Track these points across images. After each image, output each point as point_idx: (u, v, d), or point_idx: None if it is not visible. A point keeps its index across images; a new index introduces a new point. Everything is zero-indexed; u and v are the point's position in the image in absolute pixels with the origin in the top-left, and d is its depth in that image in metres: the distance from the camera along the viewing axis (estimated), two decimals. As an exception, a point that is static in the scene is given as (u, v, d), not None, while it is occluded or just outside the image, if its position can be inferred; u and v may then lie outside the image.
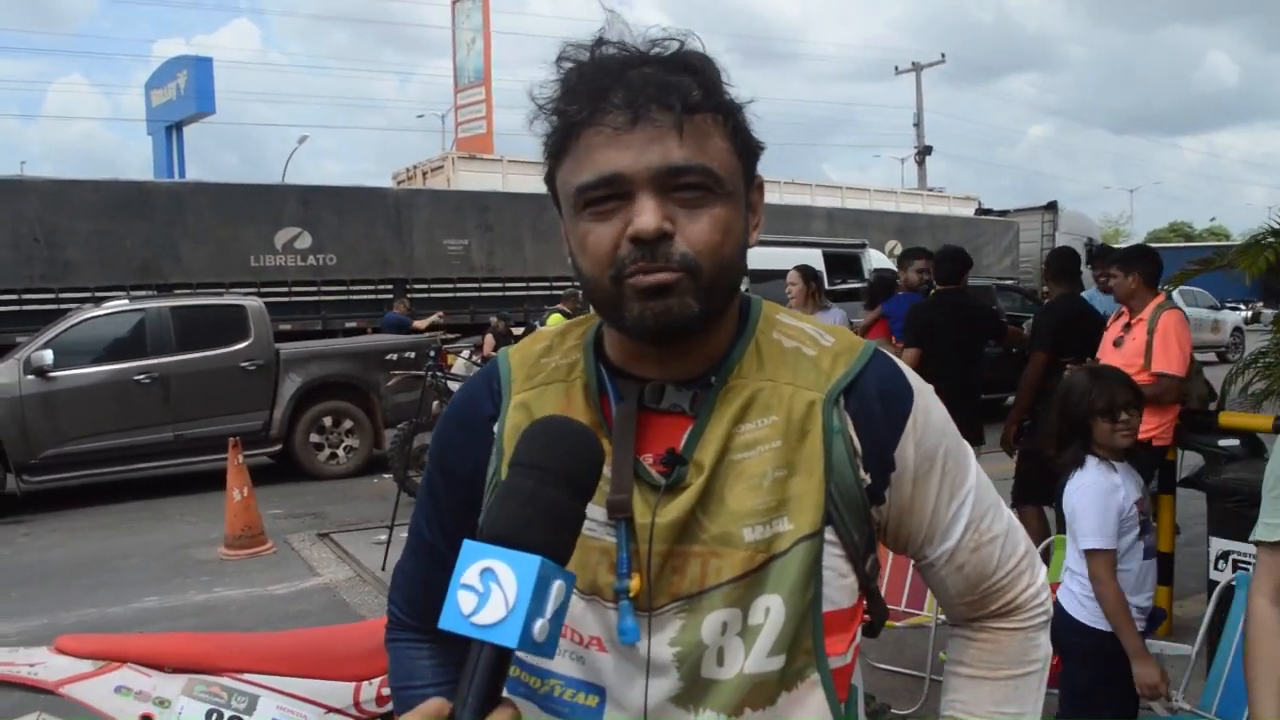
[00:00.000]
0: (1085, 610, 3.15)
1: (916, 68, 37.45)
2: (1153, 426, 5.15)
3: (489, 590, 0.88)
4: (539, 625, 0.88)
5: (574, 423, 1.04)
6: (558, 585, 0.90)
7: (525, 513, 0.92)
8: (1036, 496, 5.98)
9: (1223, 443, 4.82)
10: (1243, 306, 29.30)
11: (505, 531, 0.90)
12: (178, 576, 7.06)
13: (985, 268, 22.84)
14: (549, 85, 1.11)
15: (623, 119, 1.05)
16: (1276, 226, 5.71)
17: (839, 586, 1.13)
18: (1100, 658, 3.10)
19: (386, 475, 9.77)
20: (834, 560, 1.12)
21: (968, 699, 1.29)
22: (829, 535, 1.11)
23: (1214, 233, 57.57)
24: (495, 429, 1.19)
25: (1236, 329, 24.87)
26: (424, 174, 22.03)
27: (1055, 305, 6.18)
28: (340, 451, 10.92)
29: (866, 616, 1.23)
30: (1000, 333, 6.94)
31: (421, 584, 1.31)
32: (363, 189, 17.55)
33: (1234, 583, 3.59)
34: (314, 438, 10.80)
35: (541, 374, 1.20)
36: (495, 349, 12.07)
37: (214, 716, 2.32)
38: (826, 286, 14.00)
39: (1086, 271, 20.60)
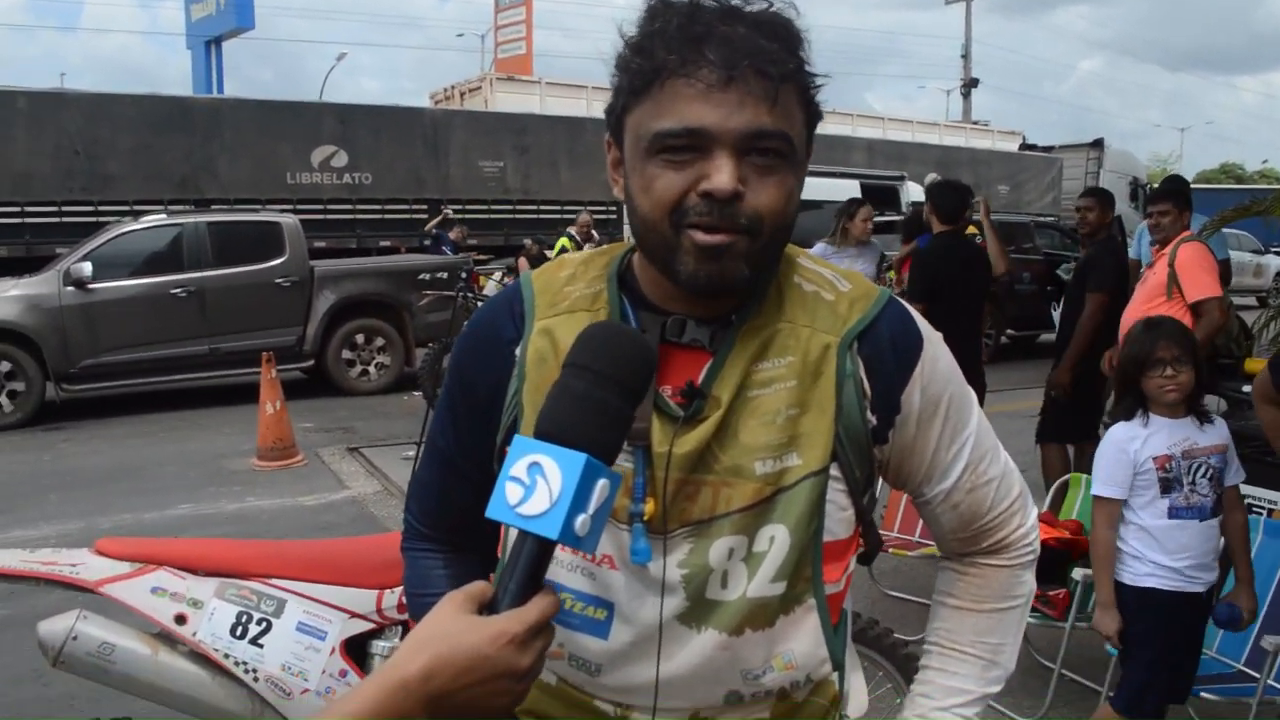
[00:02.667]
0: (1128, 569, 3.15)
1: (966, -4, 36.62)
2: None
3: (535, 483, 0.93)
4: (580, 520, 0.93)
5: (630, 330, 1.11)
6: (602, 484, 0.95)
7: (576, 411, 0.97)
8: (1060, 434, 6.00)
9: (1246, 389, 4.81)
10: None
11: (554, 428, 0.96)
12: (211, 485, 7.23)
13: (1027, 204, 22.61)
14: (637, 23, 1.14)
15: (716, 76, 1.07)
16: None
17: (838, 519, 1.19)
18: (1141, 610, 3.10)
19: (416, 393, 9.89)
20: (836, 495, 1.18)
21: (953, 628, 1.36)
22: (834, 471, 1.17)
23: (1265, 175, 56.30)
24: (517, 352, 1.23)
25: (1279, 274, 24.47)
26: (461, 94, 21.88)
27: (1111, 245, 6.07)
28: (371, 368, 11.06)
29: (861, 546, 1.28)
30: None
31: (437, 494, 1.37)
32: (399, 108, 17.51)
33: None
34: (346, 354, 10.94)
35: (565, 302, 1.23)
36: None
37: (244, 618, 2.42)
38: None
39: (1128, 210, 20.30)
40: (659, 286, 1.20)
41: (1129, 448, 3.08)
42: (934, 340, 1.26)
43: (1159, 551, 3.06)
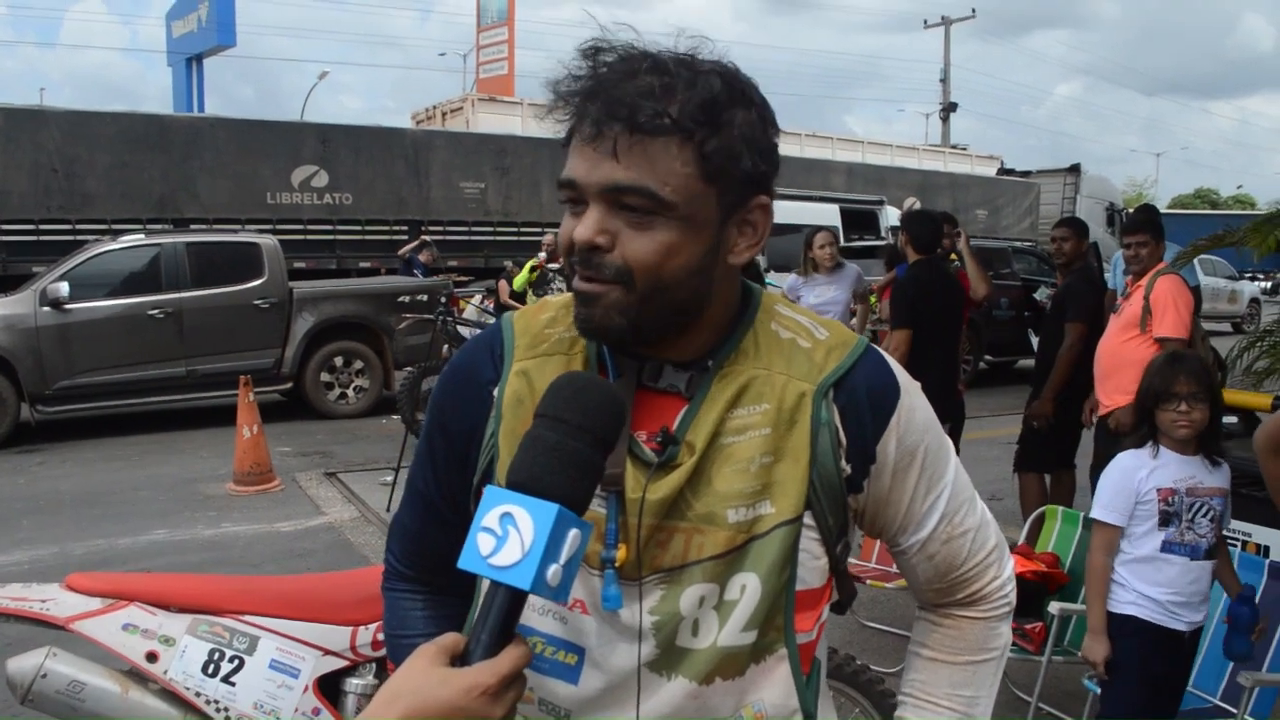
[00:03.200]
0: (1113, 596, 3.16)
1: (946, 22, 36.97)
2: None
3: (507, 534, 0.94)
4: (552, 570, 0.93)
5: (600, 380, 1.12)
6: (573, 534, 0.95)
7: (547, 462, 0.97)
8: (1038, 464, 6.02)
9: (1228, 420, 4.84)
10: (1261, 277, 29.07)
11: (527, 479, 0.96)
12: (186, 510, 7.17)
13: (1004, 229, 22.76)
14: (566, 78, 1.16)
15: (589, 131, 1.10)
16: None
17: (811, 568, 1.19)
18: (1121, 638, 3.11)
19: (395, 417, 9.84)
20: (809, 543, 1.18)
21: (927, 680, 1.36)
22: (807, 520, 1.17)
23: (1240, 200, 56.92)
24: (495, 393, 1.24)
25: (1254, 300, 24.71)
26: (443, 115, 21.91)
27: (1088, 274, 6.10)
28: (350, 391, 11.01)
29: (836, 595, 1.28)
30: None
31: (417, 536, 1.37)
32: (381, 129, 17.49)
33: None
34: (324, 377, 10.89)
35: (545, 344, 1.24)
36: (510, 294, 12.09)
37: (216, 655, 2.39)
38: (842, 243, 14.01)
39: (1104, 235, 20.45)
40: None
41: (1135, 476, 3.07)
42: (911, 390, 1.26)
43: (1144, 582, 3.06)
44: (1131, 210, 9.00)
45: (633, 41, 1.14)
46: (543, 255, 12.01)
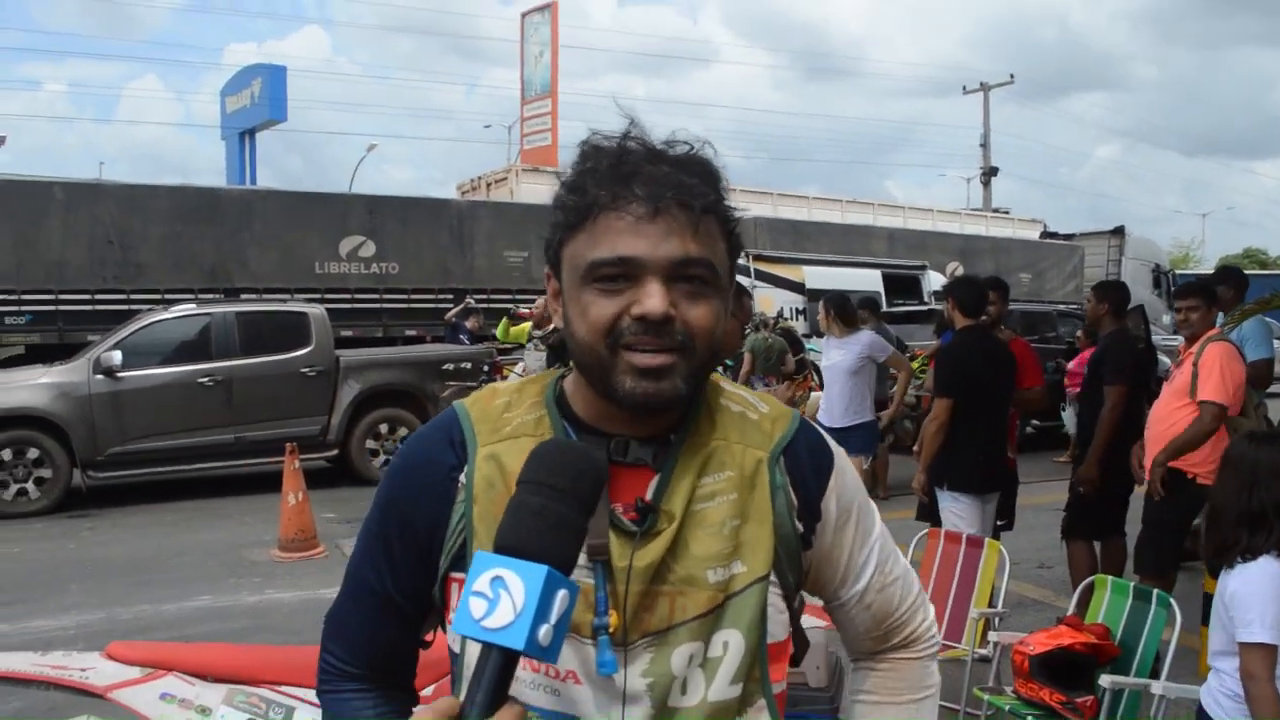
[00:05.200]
0: (1236, 717, 2.83)
1: (985, 88, 37.08)
2: (1197, 462, 5.08)
3: (498, 597, 0.96)
4: (544, 630, 0.96)
5: (579, 444, 1.17)
6: (562, 594, 0.98)
7: (534, 526, 1.01)
8: (1087, 531, 5.92)
9: None
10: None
11: (515, 543, 0.99)
12: (231, 576, 7.23)
13: (1048, 292, 22.62)
14: (572, 165, 1.25)
15: (644, 209, 1.17)
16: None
17: (778, 621, 1.27)
18: None
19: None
20: (774, 598, 1.26)
21: None
22: (772, 577, 1.25)
23: (1290, 260, 56.17)
24: (461, 479, 1.26)
25: (1309, 362, 24.27)
26: (488, 185, 22.28)
27: (1123, 337, 6.05)
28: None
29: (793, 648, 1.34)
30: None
31: (369, 633, 1.36)
32: (426, 199, 17.77)
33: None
34: (370, 444, 10.99)
35: (508, 427, 1.28)
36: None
37: (252, 726, 2.41)
38: (885, 308, 14.00)
39: (1150, 297, 20.28)
40: (596, 408, 1.27)
41: None
42: (840, 454, 1.37)
43: None
44: (1176, 271, 8.92)
45: (631, 132, 1.24)
46: (530, 324, 12.04)
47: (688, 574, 1.20)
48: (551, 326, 10.38)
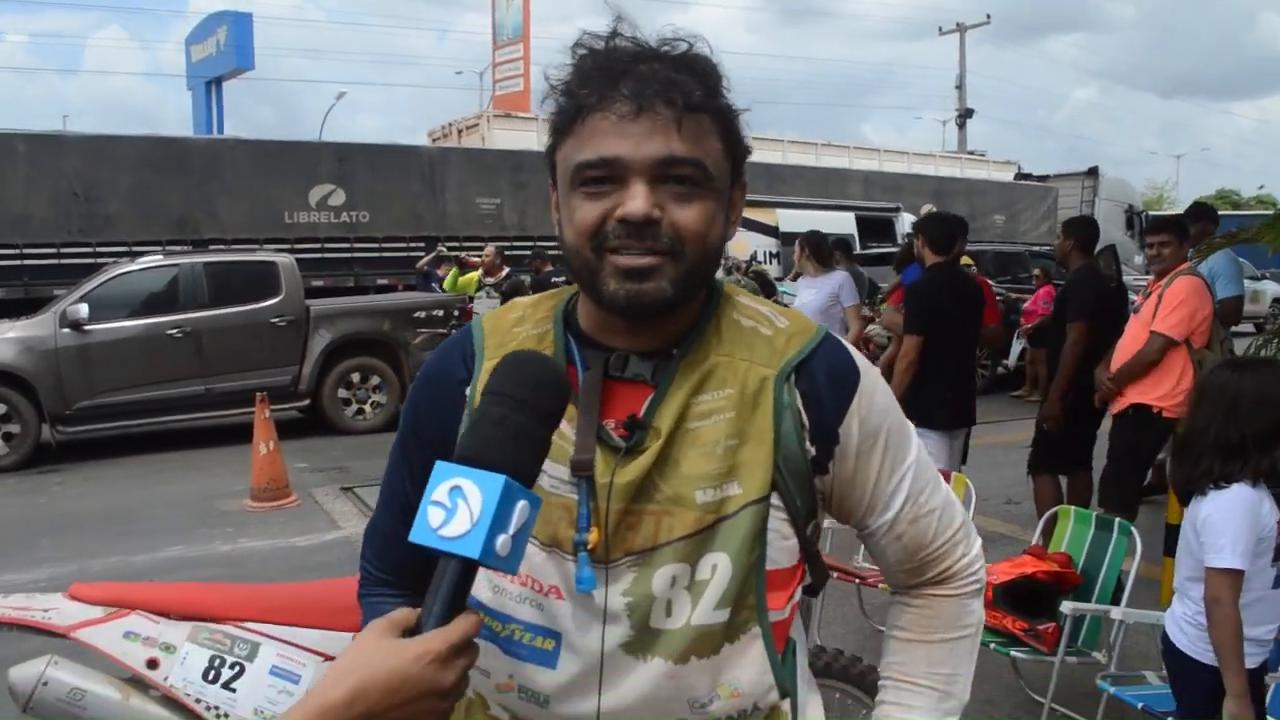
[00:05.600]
0: (1209, 648, 2.82)
1: (961, 28, 36.89)
2: (1160, 395, 5.14)
3: (456, 506, 0.96)
4: (501, 540, 0.96)
5: (542, 356, 1.15)
6: (521, 505, 0.98)
7: (494, 435, 1.01)
8: (1052, 466, 5.98)
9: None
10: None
11: (474, 452, 0.99)
12: (203, 527, 7.21)
13: (1022, 233, 22.71)
14: (562, 67, 1.20)
15: (628, 108, 1.14)
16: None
17: (781, 548, 1.21)
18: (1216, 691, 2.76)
19: (413, 431, 9.87)
20: (778, 524, 1.21)
21: (905, 660, 1.37)
22: (775, 500, 1.20)
23: (1262, 200, 56.36)
24: (467, 391, 1.26)
25: (1276, 300, 24.47)
26: (459, 132, 22.05)
27: (1087, 274, 6.09)
28: (367, 407, 11.05)
29: (808, 578, 1.30)
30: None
31: (395, 540, 1.36)
32: (397, 147, 17.61)
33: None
34: (342, 393, 10.92)
35: (514, 342, 1.27)
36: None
37: (216, 662, 2.41)
38: (858, 250, 13.98)
39: (1123, 237, 20.34)
40: (597, 321, 1.25)
41: (1259, 514, 2.78)
42: (870, 374, 1.29)
43: (1257, 625, 2.81)
44: (1150, 212, 8.95)
45: (630, 32, 1.20)
46: (479, 272, 11.98)
47: (676, 493, 1.18)
48: (504, 274, 10.30)
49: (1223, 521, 2.77)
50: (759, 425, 1.20)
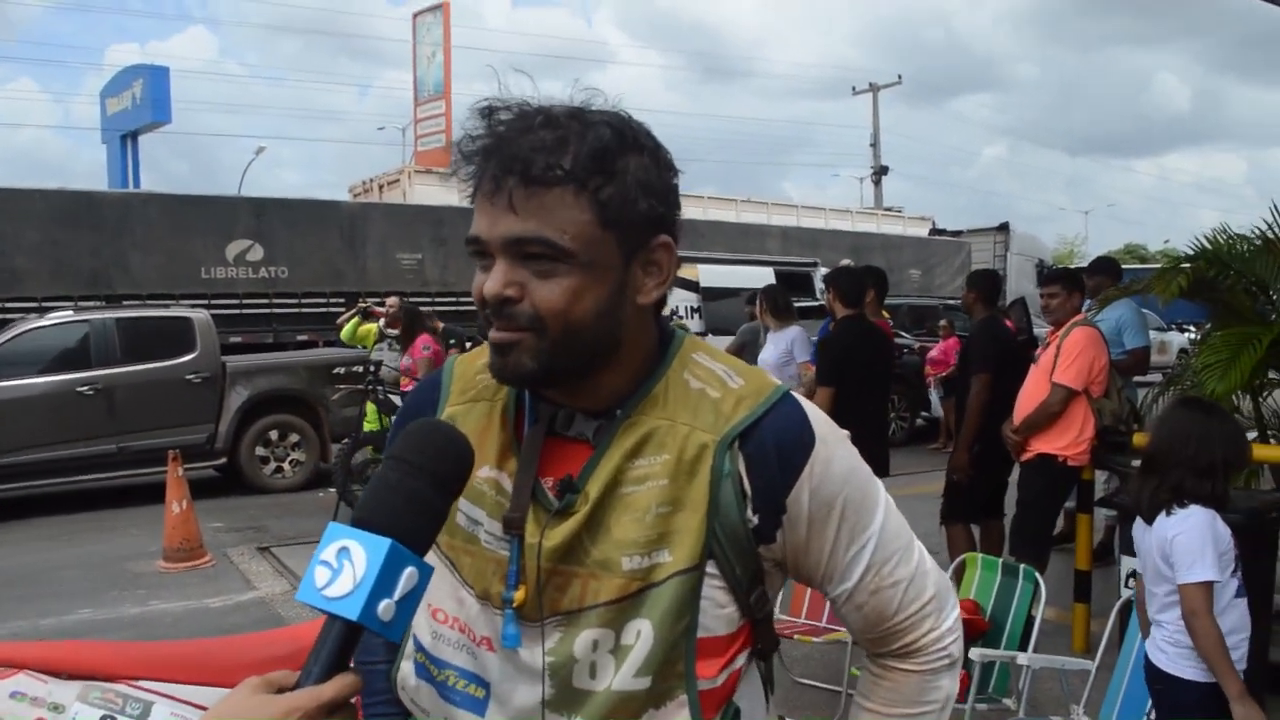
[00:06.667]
0: (1190, 663, 3.00)
1: (874, 89, 37.81)
2: (1064, 445, 5.29)
3: (341, 567, 0.96)
4: (384, 605, 0.95)
5: (447, 426, 1.14)
6: (409, 571, 0.97)
7: (386, 500, 1.01)
8: (964, 515, 6.10)
9: (1136, 463, 4.94)
10: (1193, 328, 29.61)
11: (365, 515, 1.00)
12: (114, 589, 7.03)
13: (938, 287, 23.18)
14: (462, 140, 1.20)
15: (489, 187, 1.15)
16: (1189, 253, 5.88)
17: (716, 615, 1.19)
18: (1208, 708, 2.94)
19: (332, 489, 9.75)
20: (713, 592, 1.19)
21: None
22: (710, 569, 1.18)
23: (1167, 254, 58.04)
24: None
25: (1183, 350, 25.18)
26: (380, 187, 21.96)
27: (989, 325, 6.25)
28: (286, 465, 10.88)
29: (758, 644, 1.27)
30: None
31: None
32: (316, 201, 17.45)
33: (1132, 599, 3.70)
34: (260, 451, 10.75)
35: (473, 390, 1.30)
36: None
37: (108, 722, 2.35)
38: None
39: (1033, 290, 20.90)
40: None
41: (1218, 526, 2.98)
42: (830, 440, 1.24)
43: (1232, 633, 2.97)
44: (1058, 265, 9.22)
45: (527, 98, 1.18)
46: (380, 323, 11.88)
47: (604, 558, 1.17)
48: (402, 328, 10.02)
49: (1190, 539, 2.95)
50: (694, 493, 1.17)
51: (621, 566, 1.17)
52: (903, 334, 13.80)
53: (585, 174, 1.14)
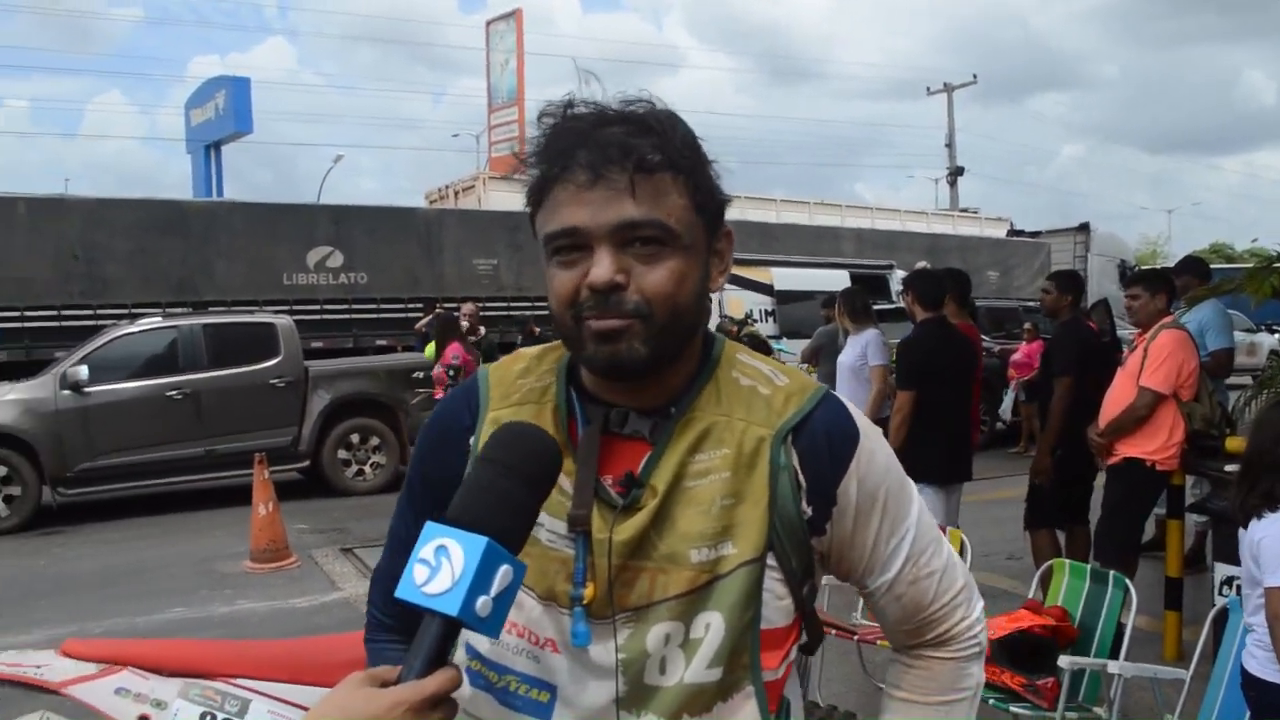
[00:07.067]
0: (1269, 666, 2.96)
1: (948, 88, 37.31)
2: (1153, 449, 5.16)
3: (440, 565, 0.99)
4: (481, 601, 0.98)
5: (536, 427, 1.16)
6: (504, 569, 1.00)
7: (481, 499, 1.04)
8: (1048, 520, 5.99)
9: (1229, 468, 4.81)
10: (1280, 328, 28.78)
11: (461, 514, 1.02)
12: (203, 589, 7.20)
13: (1017, 289, 22.75)
14: (531, 140, 1.23)
15: (585, 177, 1.16)
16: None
17: (776, 607, 1.22)
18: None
19: (411, 491, 9.86)
20: (773, 583, 1.21)
21: None
22: (770, 560, 1.21)
23: (1255, 254, 56.53)
24: (471, 441, 1.29)
25: (1273, 352, 24.47)
26: (455, 193, 22.22)
27: (1072, 328, 6.14)
28: (367, 468, 11.05)
29: (803, 637, 1.30)
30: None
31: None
32: (393, 209, 17.73)
33: (1228, 606, 3.61)
34: (341, 454, 10.94)
35: (517, 394, 1.30)
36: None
37: (207, 718, 2.42)
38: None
39: (1116, 291, 20.42)
40: (593, 378, 1.26)
41: None
42: (871, 434, 1.29)
43: None
44: (1143, 266, 9.03)
45: (595, 99, 1.21)
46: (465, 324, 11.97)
47: (671, 551, 1.18)
48: (481, 335, 10.24)
49: (1276, 542, 2.90)
50: (755, 485, 1.20)
51: (690, 559, 1.18)
52: (983, 337, 13.59)
53: (683, 161, 1.19)
